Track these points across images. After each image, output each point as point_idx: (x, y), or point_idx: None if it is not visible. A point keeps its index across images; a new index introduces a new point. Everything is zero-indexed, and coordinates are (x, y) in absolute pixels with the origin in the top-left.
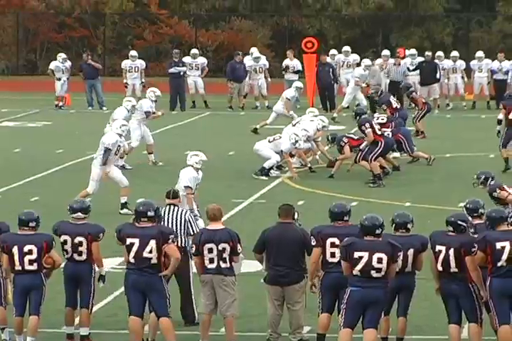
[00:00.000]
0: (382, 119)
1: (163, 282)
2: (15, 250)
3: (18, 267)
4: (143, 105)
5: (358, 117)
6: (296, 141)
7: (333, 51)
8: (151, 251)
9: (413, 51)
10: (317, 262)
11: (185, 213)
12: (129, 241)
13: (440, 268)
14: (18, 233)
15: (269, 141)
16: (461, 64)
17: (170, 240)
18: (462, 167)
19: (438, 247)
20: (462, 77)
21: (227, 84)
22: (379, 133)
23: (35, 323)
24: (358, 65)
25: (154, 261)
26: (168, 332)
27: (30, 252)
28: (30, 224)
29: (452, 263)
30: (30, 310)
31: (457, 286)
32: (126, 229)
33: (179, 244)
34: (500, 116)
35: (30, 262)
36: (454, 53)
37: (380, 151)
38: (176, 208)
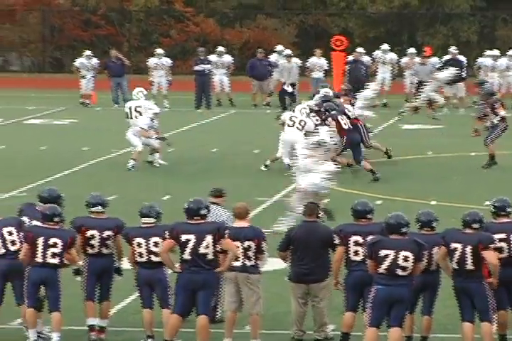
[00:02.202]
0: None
1: (218, 279)
2: (40, 241)
3: (39, 259)
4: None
5: (326, 112)
6: (310, 112)
7: (359, 49)
8: (207, 247)
9: (495, 52)
10: (340, 260)
11: (223, 215)
12: (184, 237)
13: (456, 266)
14: (44, 226)
15: (298, 129)
16: (500, 63)
17: (226, 235)
18: None
19: (453, 245)
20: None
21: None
22: (345, 127)
23: (58, 319)
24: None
25: (210, 256)
26: (203, 330)
27: (55, 245)
28: (55, 219)
29: (469, 261)
30: (50, 307)
31: (472, 285)
32: (179, 226)
33: None
34: (503, 113)
35: (53, 255)
36: (495, 52)
37: (344, 147)
38: (215, 208)
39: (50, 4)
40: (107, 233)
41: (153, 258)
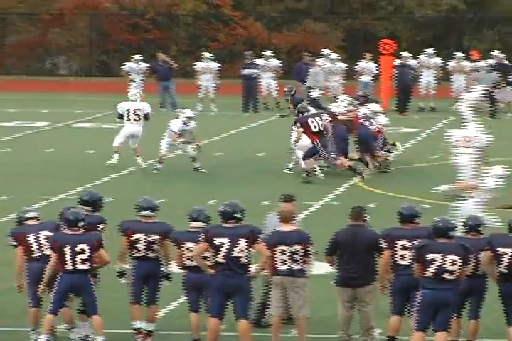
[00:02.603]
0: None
1: (250, 283)
2: (67, 250)
3: (69, 266)
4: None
5: (300, 114)
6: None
7: (405, 53)
8: (241, 251)
9: None
10: (387, 264)
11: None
12: (218, 241)
13: (504, 271)
14: (68, 232)
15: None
16: None
17: (260, 239)
18: None
19: (502, 249)
20: None
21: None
22: (315, 130)
23: (99, 322)
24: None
25: (244, 260)
26: (246, 334)
27: (82, 251)
28: (79, 224)
29: None
30: (89, 312)
31: None
32: (213, 229)
33: None
34: None
35: (83, 261)
36: None
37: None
38: None
39: (98, 8)
40: (153, 237)
41: None
